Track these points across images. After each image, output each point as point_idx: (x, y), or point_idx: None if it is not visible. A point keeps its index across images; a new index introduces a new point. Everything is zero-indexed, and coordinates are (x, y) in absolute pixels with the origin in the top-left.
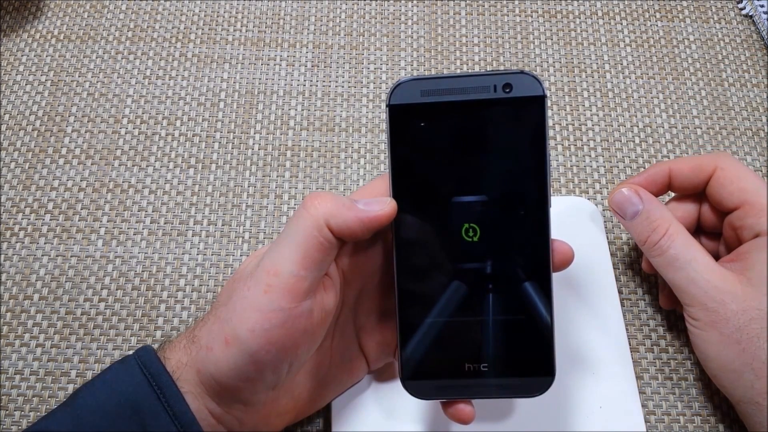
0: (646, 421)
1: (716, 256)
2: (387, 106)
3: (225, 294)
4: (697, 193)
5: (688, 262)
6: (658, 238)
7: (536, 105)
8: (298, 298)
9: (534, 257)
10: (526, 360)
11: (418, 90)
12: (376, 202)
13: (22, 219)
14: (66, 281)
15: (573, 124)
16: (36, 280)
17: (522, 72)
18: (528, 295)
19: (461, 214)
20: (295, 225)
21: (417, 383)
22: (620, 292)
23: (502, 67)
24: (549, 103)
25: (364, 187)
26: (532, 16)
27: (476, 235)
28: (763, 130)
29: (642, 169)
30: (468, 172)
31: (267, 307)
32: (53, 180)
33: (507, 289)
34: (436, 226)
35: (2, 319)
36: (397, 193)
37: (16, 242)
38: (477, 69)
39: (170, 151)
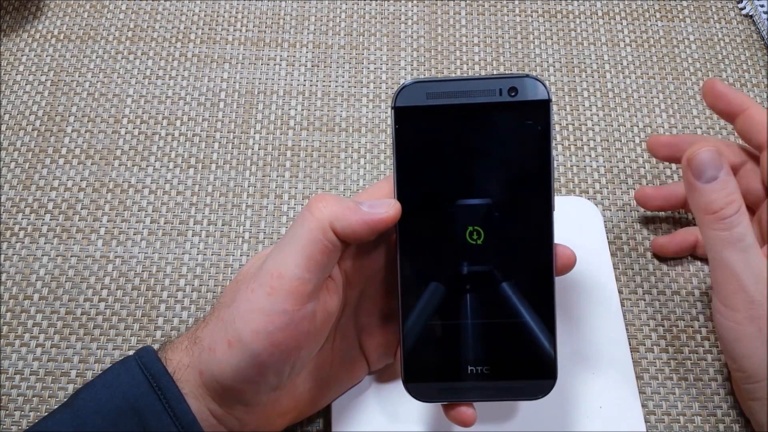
0: (646, 421)
1: None
2: (392, 108)
3: (228, 295)
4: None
5: (751, 245)
6: (732, 211)
7: (541, 109)
8: (302, 301)
9: (537, 261)
10: (528, 363)
11: (424, 92)
12: (381, 205)
13: (22, 219)
14: (66, 281)
15: (573, 124)
16: (36, 280)
17: (527, 76)
18: (530, 299)
19: (465, 217)
20: (300, 227)
21: (419, 385)
22: (620, 292)
23: (502, 68)
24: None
25: (368, 189)
26: (532, 16)
27: (480, 238)
28: None
29: (642, 169)
30: (472, 175)
31: (270, 309)
32: (53, 180)
33: (509, 293)
34: (440, 228)
35: (2, 319)
36: (401, 195)
37: (16, 242)
38: (477, 69)
39: (170, 151)
